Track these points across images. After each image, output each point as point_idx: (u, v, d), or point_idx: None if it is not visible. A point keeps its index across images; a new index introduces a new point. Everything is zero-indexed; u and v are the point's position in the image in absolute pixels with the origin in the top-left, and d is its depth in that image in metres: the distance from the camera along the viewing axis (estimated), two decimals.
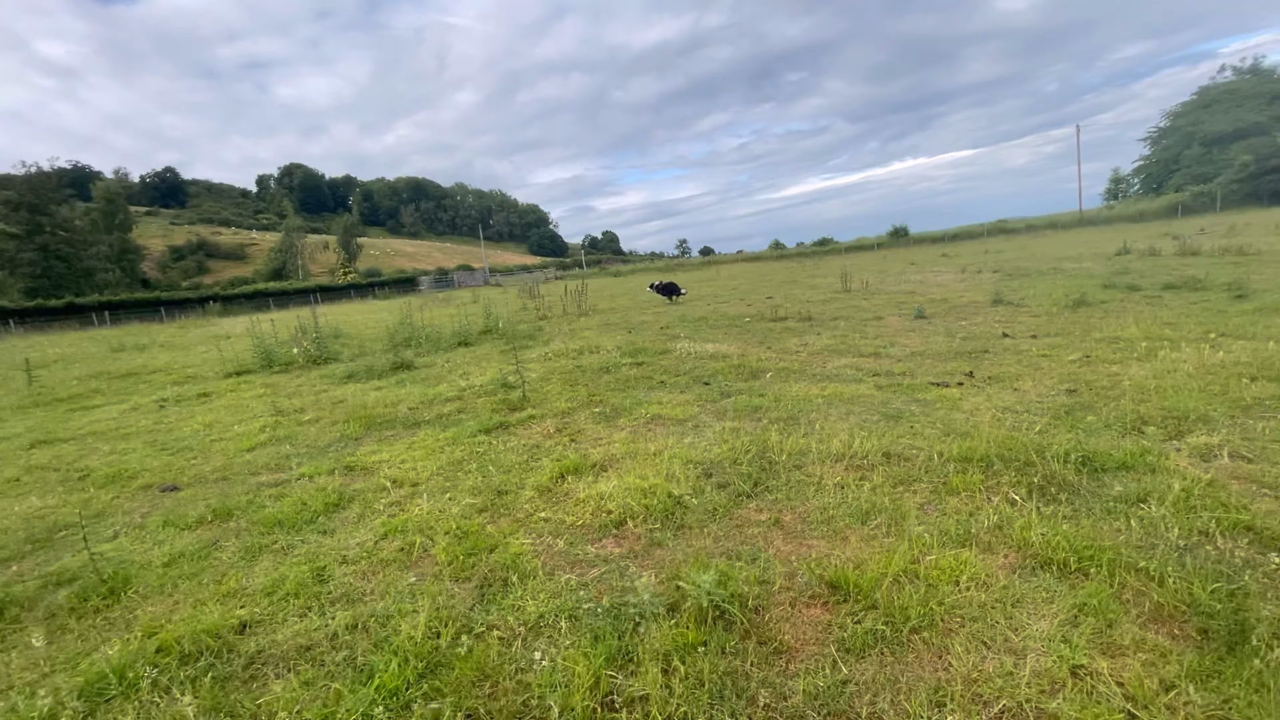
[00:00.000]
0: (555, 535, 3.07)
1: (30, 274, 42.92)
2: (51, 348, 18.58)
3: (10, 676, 2.26)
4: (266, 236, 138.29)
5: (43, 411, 7.64)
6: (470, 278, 61.68)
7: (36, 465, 5.12)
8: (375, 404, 6.20)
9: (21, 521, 3.81)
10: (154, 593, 2.80)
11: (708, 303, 15.43)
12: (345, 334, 14.25)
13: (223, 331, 20.52)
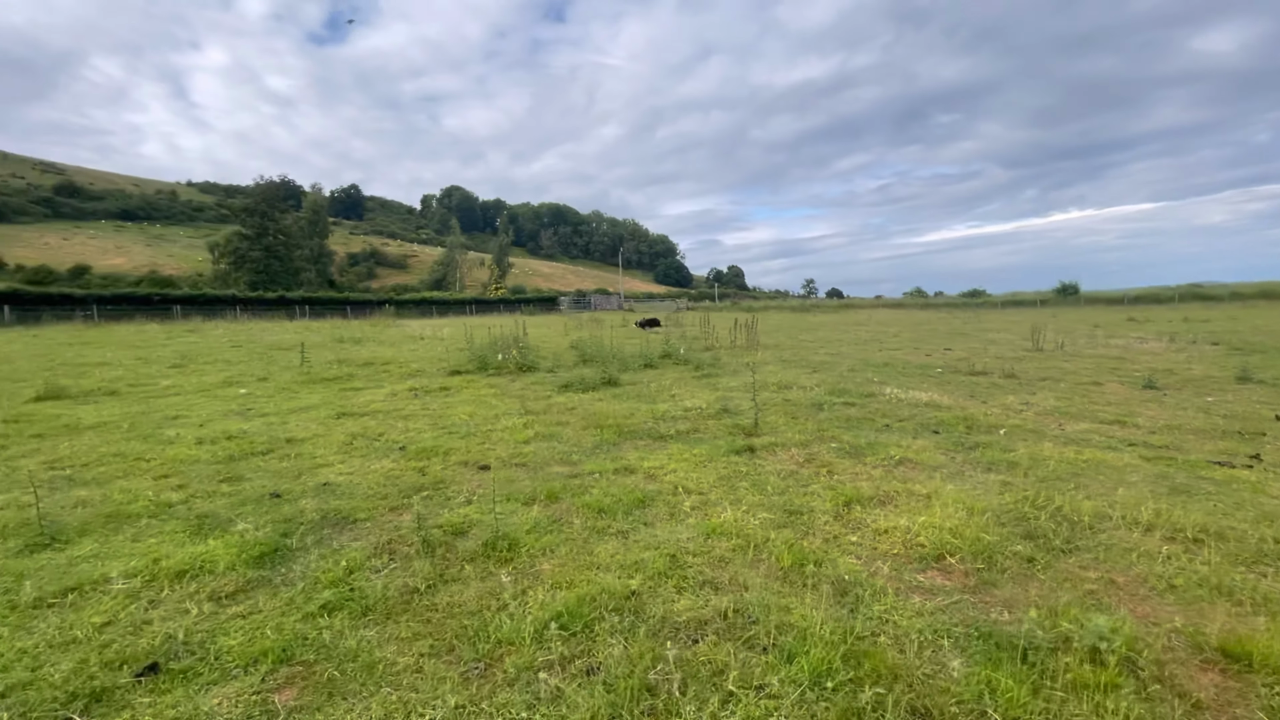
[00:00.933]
0: (874, 559, 3.29)
1: (254, 269, 51.61)
2: (284, 334, 22.00)
3: (503, 598, 2.86)
4: (425, 250, 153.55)
5: (321, 388, 9.14)
6: (606, 301, 64.64)
7: (355, 433, 6.18)
8: (612, 415, 6.80)
9: (386, 479, 4.66)
10: (538, 554, 3.36)
11: (877, 349, 15.11)
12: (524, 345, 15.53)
13: (414, 332, 23.20)
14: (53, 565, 3.23)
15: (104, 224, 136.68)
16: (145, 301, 34.89)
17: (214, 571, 3.11)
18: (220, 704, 2.17)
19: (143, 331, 23.14)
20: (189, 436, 6.03)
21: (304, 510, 3.99)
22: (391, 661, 2.41)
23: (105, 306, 32.99)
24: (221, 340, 18.97)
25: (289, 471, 4.90)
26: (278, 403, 7.95)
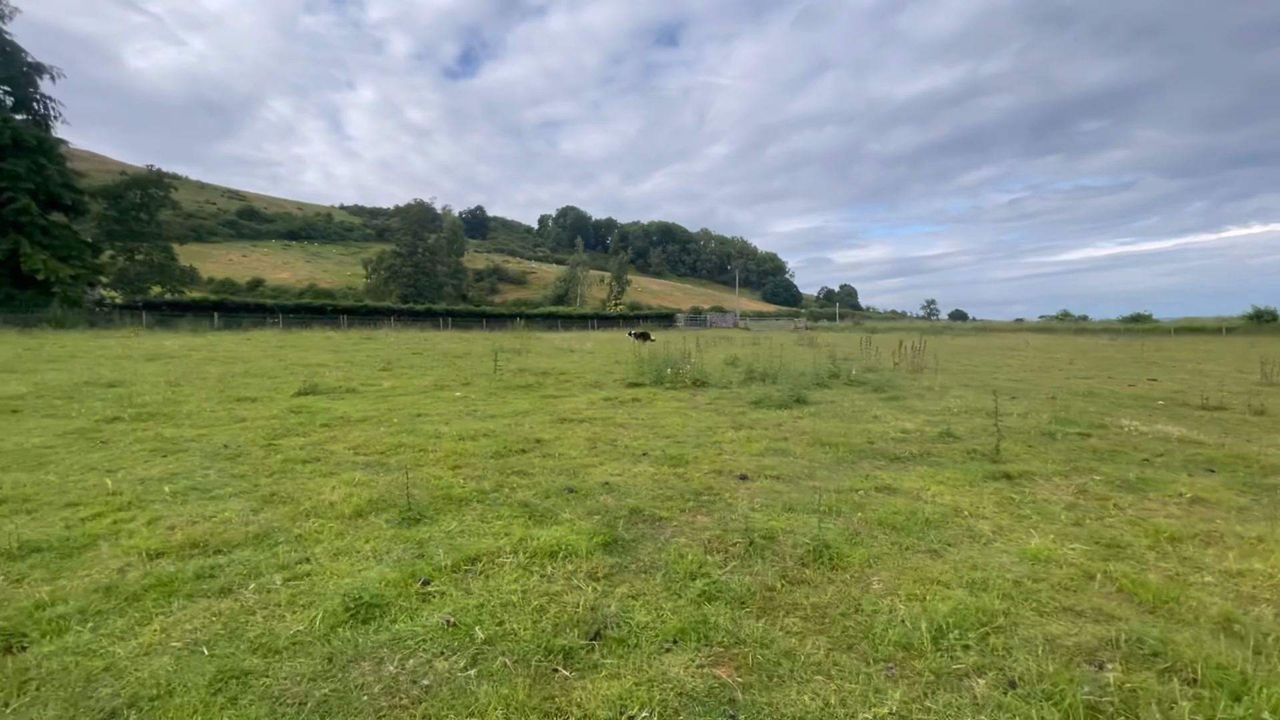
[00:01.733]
0: (1246, 602, 3.07)
1: (404, 284, 57.32)
2: (450, 343, 24.06)
3: (861, 603, 2.98)
4: (543, 267, 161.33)
5: (521, 394, 9.90)
6: (722, 319, 64.70)
7: (589, 438, 6.63)
8: (827, 433, 6.82)
9: (656, 483, 4.98)
10: (864, 564, 3.45)
11: (1061, 376, 13.96)
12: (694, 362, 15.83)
13: (561, 345, 24.52)
14: (438, 537, 3.77)
15: (274, 243, 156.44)
16: (319, 311, 39.73)
17: (578, 554, 3.49)
18: (674, 670, 2.44)
19: (330, 338, 26.23)
20: (449, 432, 6.76)
21: (607, 506, 4.36)
22: (806, 652, 2.59)
23: (288, 314, 37.85)
24: (401, 348, 21.05)
25: (561, 469, 5.37)
26: (496, 405, 8.71)
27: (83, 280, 32.52)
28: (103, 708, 2.18)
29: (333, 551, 3.54)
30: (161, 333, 26.44)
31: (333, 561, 3.41)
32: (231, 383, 10.49)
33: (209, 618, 2.80)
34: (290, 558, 3.44)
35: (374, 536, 3.76)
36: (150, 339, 21.99)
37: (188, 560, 3.39)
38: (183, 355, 15.85)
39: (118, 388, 9.50)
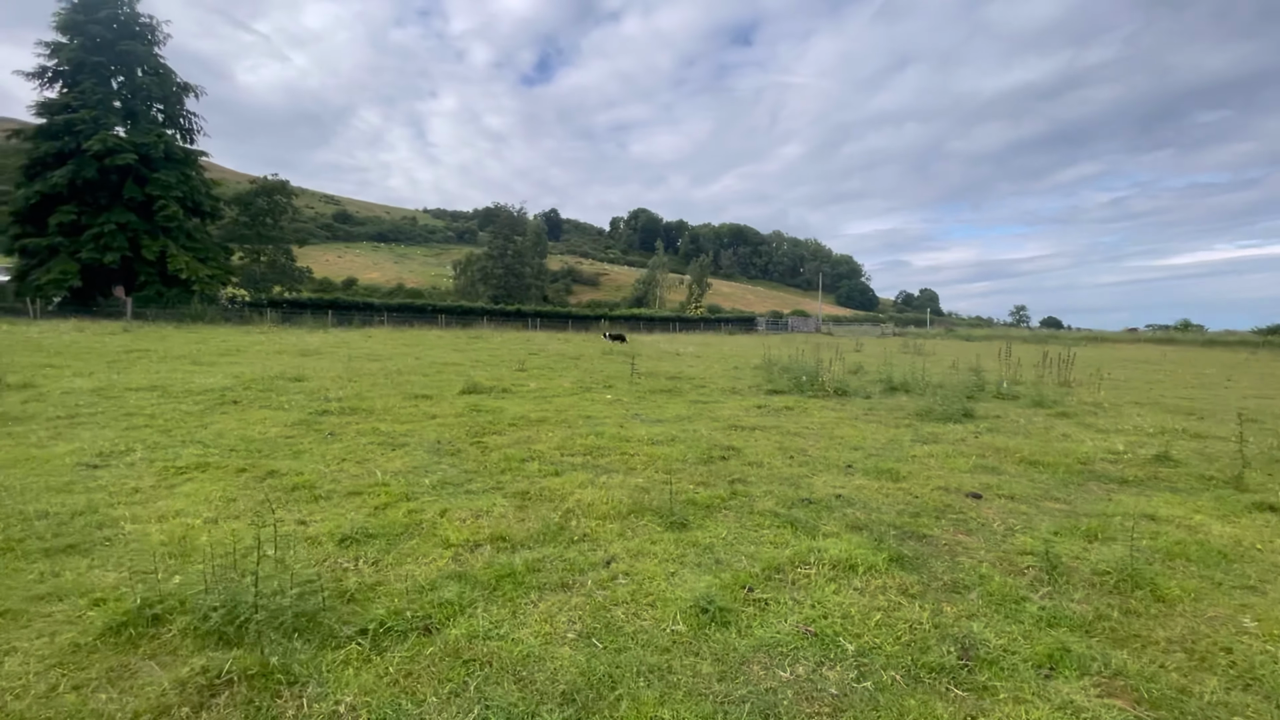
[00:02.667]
0: None
1: (495, 285, 59.80)
2: (558, 344, 24.83)
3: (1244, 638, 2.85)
4: (615, 268, 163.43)
5: (667, 398, 10.06)
6: (804, 323, 63.42)
7: (776, 448, 6.66)
8: (1025, 451, 6.55)
9: (890, 497, 4.95)
10: (1186, 598, 3.29)
11: (1234, 395, 12.83)
12: (786, 366, 15.63)
13: (665, 348, 24.80)
14: (718, 544, 3.88)
15: (365, 244, 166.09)
16: (419, 310, 41.99)
17: (876, 569, 3.50)
18: (1075, 698, 2.41)
19: (441, 336, 27.63)
20: (634, 435, 6.96)
21: (860, 519, 4.36)
22: (1200, 690, 2.50)
23: (392, 313, 40.18)
24: (514, 347, 21.87)
25: (777, 478, 5.41)
26: (652, 409, 8.90)
27: (218, 280, 35.70)
28: (551, 691, 2.38)
29: (634, 552, 3.71)
30: (291, 329, 28.59)
31: (638, 561, 3.58)
32: (398, 380, 11.20)
33: (574, 611, 3.00)
34: (597, 556, 3.63)
35: (657, 539, 3.92)
36: (288, 335, 23.83)
37: (507, 553, 3.65)
38: (329, 351, 17.07)
39: (303, 382, 10.34)
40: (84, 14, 32.27)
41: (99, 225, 31.59)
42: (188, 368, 12.04)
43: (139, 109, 34.14)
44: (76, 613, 2.88)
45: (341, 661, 2.53)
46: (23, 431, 6.30)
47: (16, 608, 2.88)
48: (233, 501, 4.44)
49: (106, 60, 32.84)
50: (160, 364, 12.54)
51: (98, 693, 2.31)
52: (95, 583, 3.14)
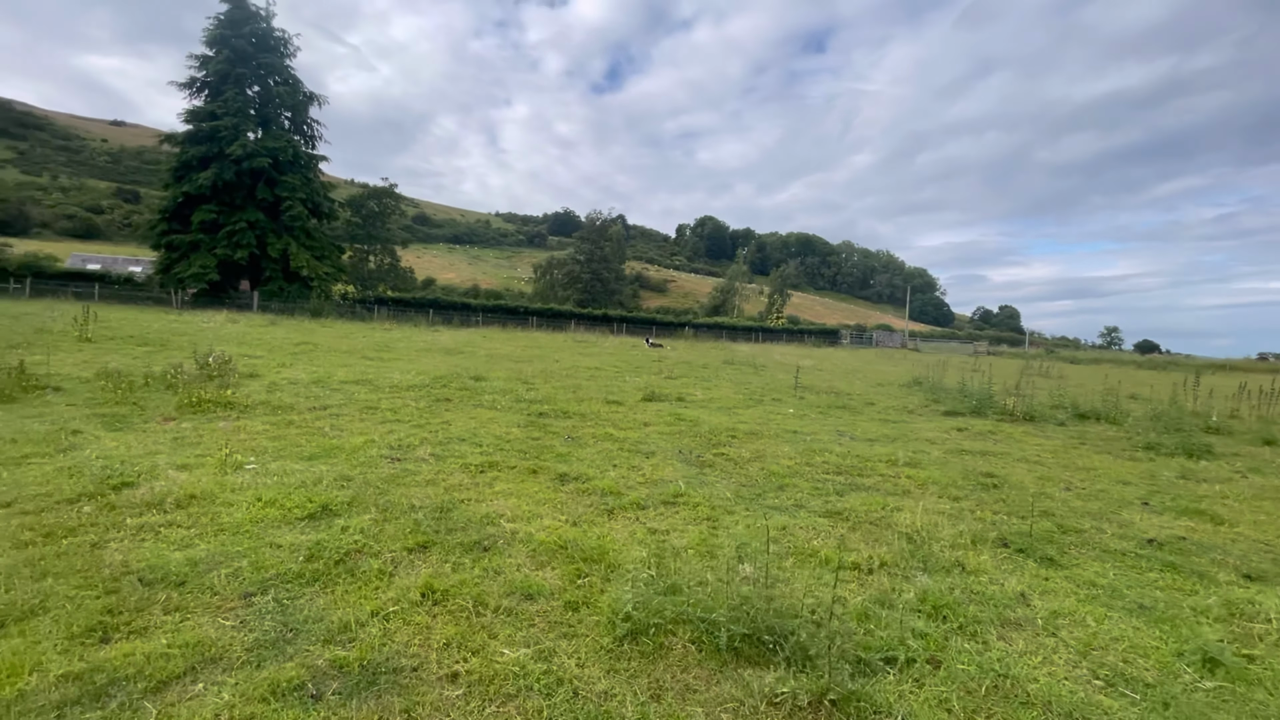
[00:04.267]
0: None
1: (582, 289, 61.06)
2: (666, 352, 24.95)
3: None
4: (681, 275, 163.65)
5: (859, 418, 9.80)
6: (889, 338, 61.37)
7: (1050, 479, 6.31)
8: None
9: (1200, 535, 4.56)
10: None
11: None
12: (936, 385, 15.00)
13: (779, 359, 24.49)
14: (1130, 590, 3.65)
15: (441, 246, 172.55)
16: (513, 312, 43.28)
17: None
18: None
19: (553, 339, 28.28)
20: (873, 454, 6.76)
21: (1247, 565, 4.03)
22: None
23: (487, 314, 41.54)
24: (632, 354, 22.08)
25: (1086, 513, 5.10)
26: (848, 425, 8.68)
27: (332, 278, 37.85)
28: None
29: (1039, 590, 3.53)
30: (411, 327, 29.89)
31: (1052, 600, 3.39)
32: (574, 384, 11.42)
33: (1059, 651, 2.85)
34: (1004, 590, 3.47)
35: (1048, 576, 3.72)
36: (417, 333, 24.89)
37: (899, 579, 3.54)
38: (466, 350, 17.69)
39: (484, 381, 10.68)
40: (230, 29, 34.97)
41: (233, 223, 34.05)
42: (363, 362, 12.68)
43: (271, 116, 36.66)
44: (555, 615, 2.96)
45: (894, 688, 2.47)
46: (301, 420, 6.72)
47: (509, 606, 2.98)
48: (562, 505, 4.54)
49: (246, 72, 35.45)
50: (332, 355, 13.28)
51: (687, 705, 2.33)
52: (546, 584, 3.22)
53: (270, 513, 3.96)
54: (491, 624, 2.83)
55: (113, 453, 5.04)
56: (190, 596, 2.90)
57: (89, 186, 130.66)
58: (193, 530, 3.66)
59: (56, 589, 2.87)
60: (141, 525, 3.66)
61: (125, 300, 32.12)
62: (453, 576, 3.23)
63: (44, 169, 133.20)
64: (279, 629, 2.68)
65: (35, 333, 12.63)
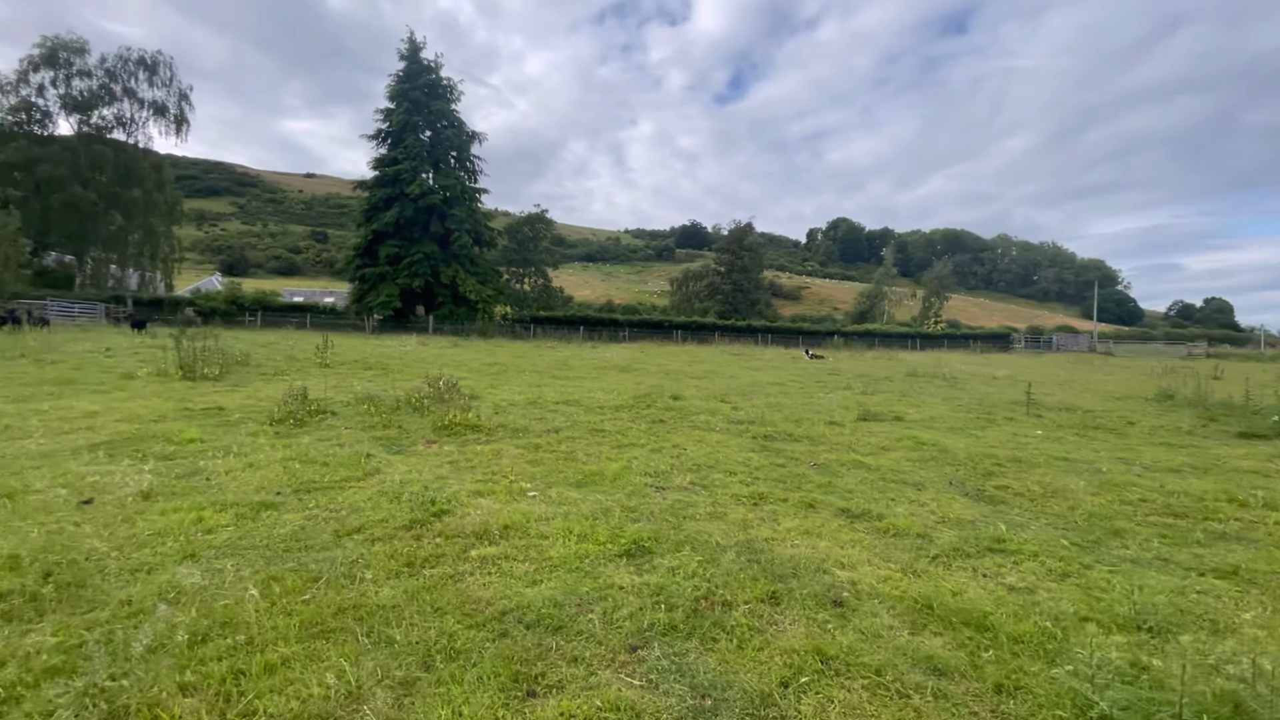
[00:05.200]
0: None
1: (722, 300, 61.08)
2: (835, 362, 23.84)
3: None
4: (815, 281, 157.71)
5: (1134, 442, 8.34)
6: (1073, 341, 54.00)
7: None
8: None
9: None
10: None
11: None
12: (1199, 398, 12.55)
13: (963, 369, 22.42)
14: None
15: (575, 265, 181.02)
16: (656, 326, 44.02)
17: None
18: None
19: (712, 352, 28.25)
20: (1201, 491, 5.56)
21: None
22: None
23: (633, 329, 42.57)
24: (799, 365, 21.25)
25: None
26: (1132, 453, 7.34)
27: (494, 300, 40.88)
28: None
29: None
30: (569, 344, 31.35)
31: None
32: (772, 402, 10.99)
33: None
34: None
35: None
36: (577, 349, 26.00)
37: None
38: (635, 366, 17.95)
39: (681, 400, 10.55)
40: (408, 83, 39.30)
41: (411, 255, 37.94)
42: (556, 381, 13.17)
43: (441, 156, 40.54)
44: (988, 699, 2.48)
45: None
46: (546, 444, 6.88)
47: (928, 685, 2.55)
48: (875, 549, 4.06)
49: (421, 119, 39.54)
50: (524, 375, 13.96)
51: None
52: (945, 656, 2.76)
53: (588, 548, 3.90)
54: (923, 707, 2.41)
55: (410, 477, 5.37)
56: (578, 645, 2.80)
57: (290, 231, 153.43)
58: (527, 564, 3.66)
59: (454, 629, 2.90)
60: (482, 558, 3.72)
61: (327, 327, 36.84)
62: (833, 639, 2.88)
63: (257, 219, 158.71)
64: (694, 695, 2.46)
65: (287, 359, 14.62)
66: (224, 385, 10.42)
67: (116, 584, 3.25)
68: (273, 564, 3.54)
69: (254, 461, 5.62)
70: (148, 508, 4.37)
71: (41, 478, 4.90)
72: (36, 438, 6.28)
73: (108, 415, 7.51)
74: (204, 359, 11.21)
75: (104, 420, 7.24)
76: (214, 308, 35.67)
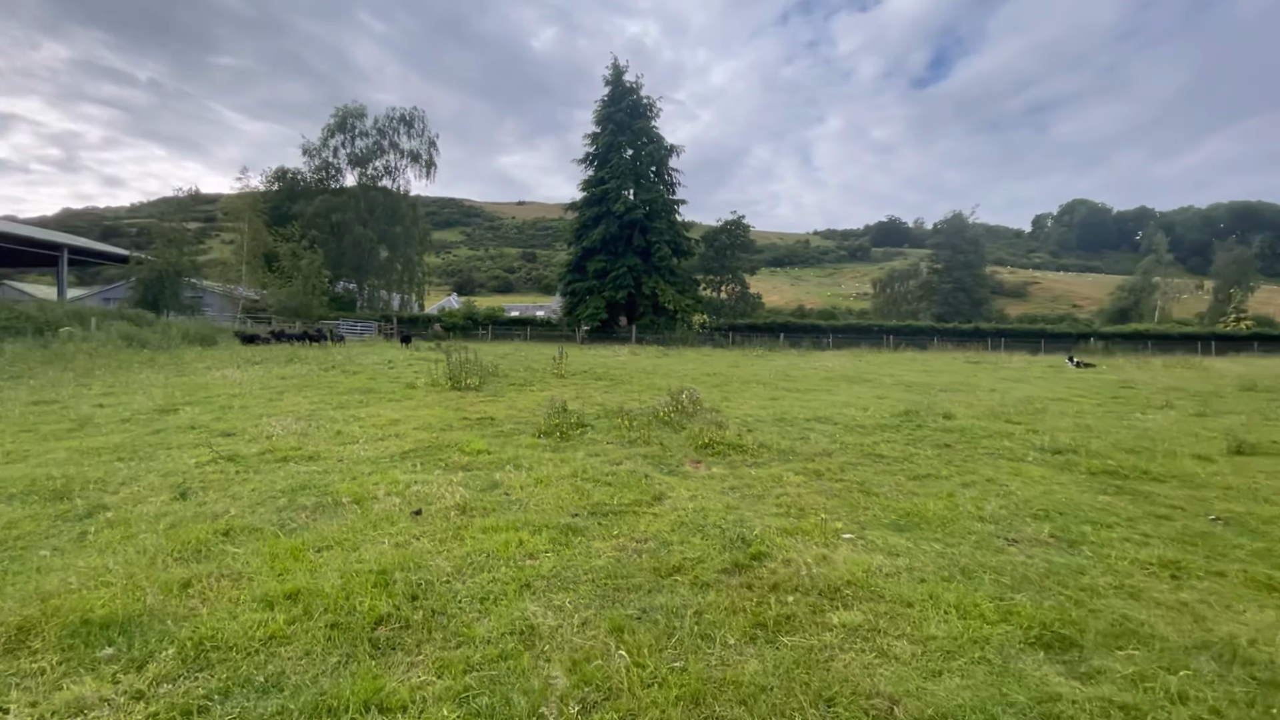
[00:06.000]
0: None
1: (939, 301, 55.38)
2: (1137, 372, 19.78)
3: None
4: (1047, 275, 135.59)
5: None
6: None
7: None
8: None
9: None
10: None
11: None
12: None
13: None
14: None
15: (763, 271, 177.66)
16: (863, 331, 40.93)
17: None
18: None
19: (939, 359, 25.34)
20: None
21: None
22: None
23: (837, 335, 40.00)
24: (1060, 376, 17.85)
25: None
26: None
27: (692, 309, 41.32)
28: None
29: None
30: (774, 352, 30.33)
31: None
32: (1081, 424, 9.00)
33: None
34: None
35: None
36: (794, 357, 24.85)
37: None
38: (869, 377, 16.34)
39: (951, 419, 9.02)
40: (613, 105, 41.57)
41: (616, 269, 39.83)
42: (788, 394, 12.30)
43: (642, 172, 42.12)
44: None
45: None
46: (826, 470, 6.08)
47: None
48: None
49: (624, 139, 41.51)
50: (752, 387, 13.30)
51: None
52: None
53: (978, 627, 3.00)
54: None
55: (701, 505, 4.93)
56: None
57: (505, 254, 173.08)
58: (906, 643, 2.88)
59: None
60: (845, 628, 3.02)
61: (543, 338, 40.21)
62: None
63: (480, 245, 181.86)
64: None
65: (526, 370, 15.78)
66: (484, 395, 11.32)
67: (471, 612, 3.15)
68: (609, 606, 3.24)
69: (541, 477, 5.64)
70: (468, 523, 4.45)
71: (377, 484, 5.34)
72: (362, 443, 7.10)
73: (406, 423, 8.37)
74: (466, 371, 12.36)
75: (404, 428, 8.06)
76: (455, 323, 41.06)
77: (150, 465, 6.02)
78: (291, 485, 5.31)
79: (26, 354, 15.63)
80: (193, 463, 6.10)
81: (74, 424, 8.07)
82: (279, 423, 8.17)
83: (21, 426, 7.92)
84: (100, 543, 4.02)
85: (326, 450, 6.72)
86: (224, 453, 6.33)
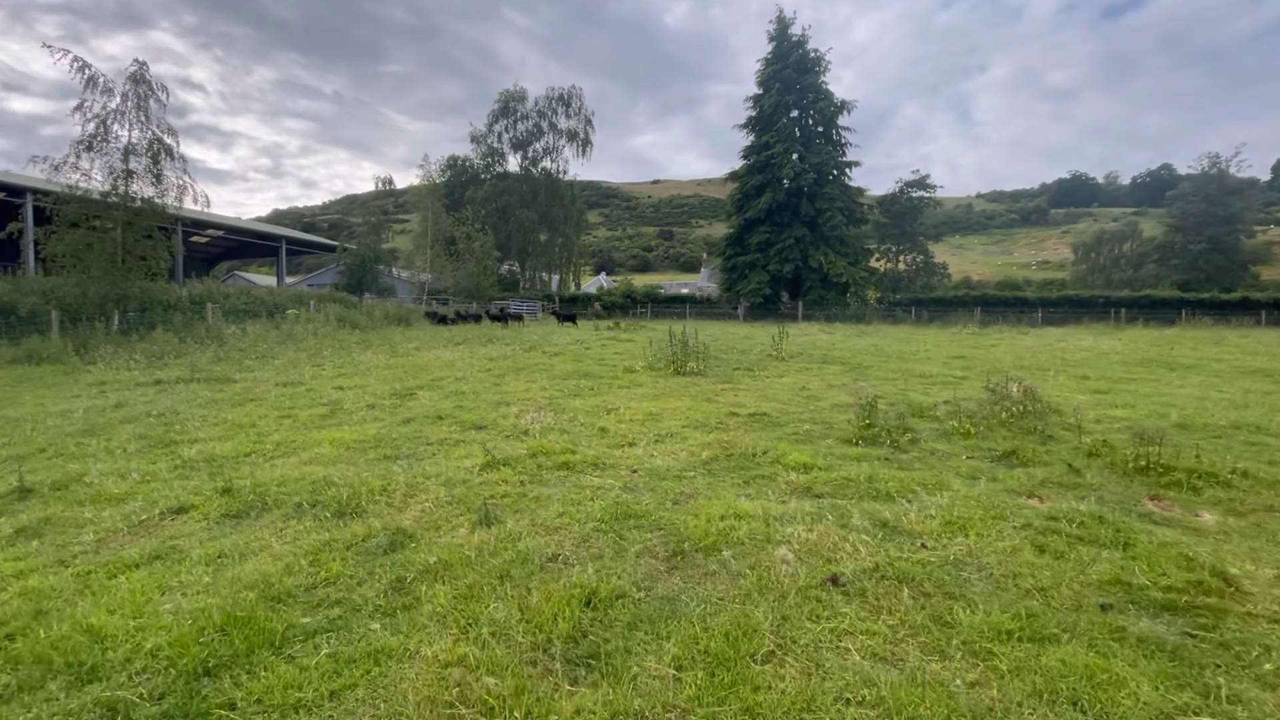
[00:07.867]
0: None
1: (1184, 267, 46.04)
2: None
3: None
4: None
5: None
6: None
7: None
8: None
9: None
10: None
11: None
12: None
13: None
14: None
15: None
16: (1082, 304, 34.43)
17: None
18: None
19: (1249, 341, 20.13)
20: None
21: None
22: None
23: (1047, 309, 34.03)
24: None
25: None
26: None
27: (866, 282, 37.42)
28: None
29: None
30: (988, 330, 26.16)
31: None
32: None
33: None
34: None
35: None
36: (1027, 338, 20.90)
37: None
38: (1182, 363, 12.69)
39: None
40: (778, 62, 38.31)
41: (781, 241, 36.97)
42: (1104, 383, 9.44)
43: (810, 132, 38.59)
44: None
45: None
46: None
47: None
48: None
49: (792, 99, 38.18)
50: (1048, 376, 10.51)
51: None
52: None
53: None
54: None
55: None
56: None
57: (642, 233, 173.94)
58: None
59: None
60: None
61: (703, 315, 38.51)
62: None
63: (617, 225, 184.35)
64: None
65: (737, 353, 14.12)
66: (716, 381, 9.78)
67: None
68: None
69: (955, 520, 3.81)
70: (942, 611, 2.74)
71: (724, 519, 3.83)
72: (642, 446, 5.76)
73: (667, 418, 6.99)
74: (686, 354, 10.90)
75: (670, 424, 6.66)
76: (614, 301, 40.75)
77: (424, 468, 5.07)
78: (607, 512, 3.97)
79: (265, 334, 16.87)
80: (469, 466, 5.08)
81: (325, 410, 7.67)
82: (524, 414, 7.18)
83: (281, 411, 7.65)
84: (436, 611, 2.82)
85: (605, 455, 5.45)
86: (496, 455, 5.25)
